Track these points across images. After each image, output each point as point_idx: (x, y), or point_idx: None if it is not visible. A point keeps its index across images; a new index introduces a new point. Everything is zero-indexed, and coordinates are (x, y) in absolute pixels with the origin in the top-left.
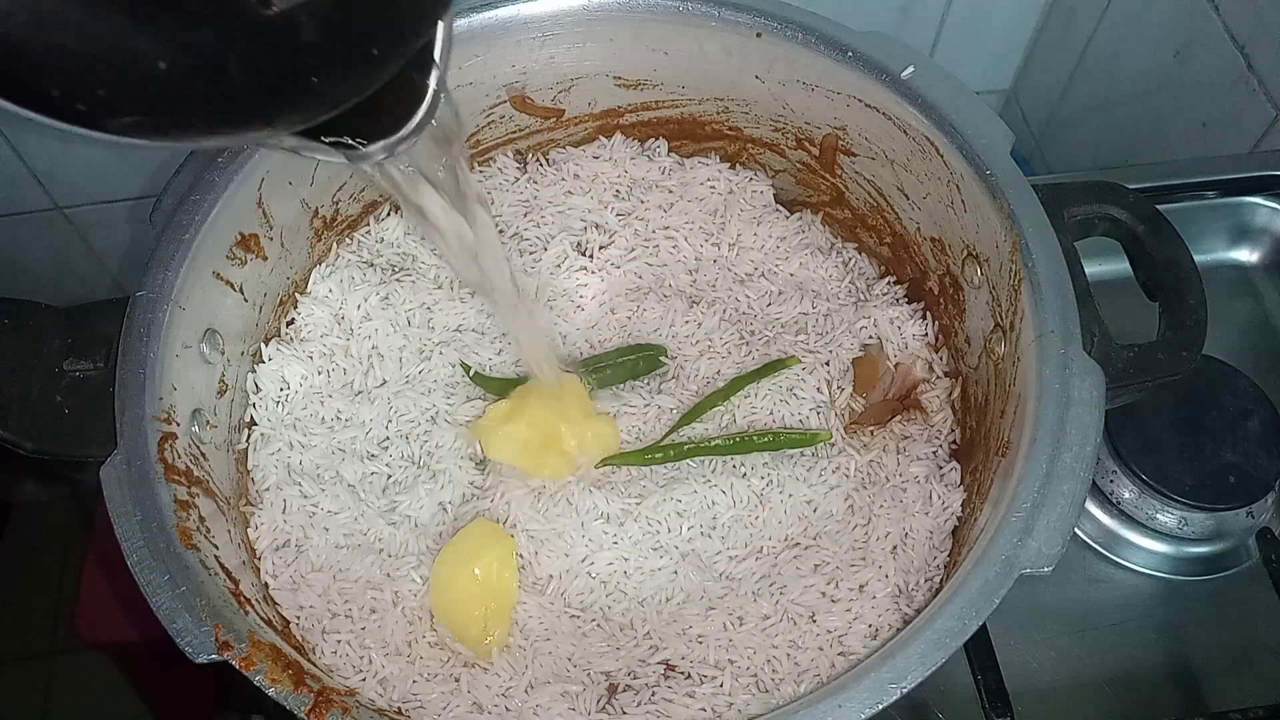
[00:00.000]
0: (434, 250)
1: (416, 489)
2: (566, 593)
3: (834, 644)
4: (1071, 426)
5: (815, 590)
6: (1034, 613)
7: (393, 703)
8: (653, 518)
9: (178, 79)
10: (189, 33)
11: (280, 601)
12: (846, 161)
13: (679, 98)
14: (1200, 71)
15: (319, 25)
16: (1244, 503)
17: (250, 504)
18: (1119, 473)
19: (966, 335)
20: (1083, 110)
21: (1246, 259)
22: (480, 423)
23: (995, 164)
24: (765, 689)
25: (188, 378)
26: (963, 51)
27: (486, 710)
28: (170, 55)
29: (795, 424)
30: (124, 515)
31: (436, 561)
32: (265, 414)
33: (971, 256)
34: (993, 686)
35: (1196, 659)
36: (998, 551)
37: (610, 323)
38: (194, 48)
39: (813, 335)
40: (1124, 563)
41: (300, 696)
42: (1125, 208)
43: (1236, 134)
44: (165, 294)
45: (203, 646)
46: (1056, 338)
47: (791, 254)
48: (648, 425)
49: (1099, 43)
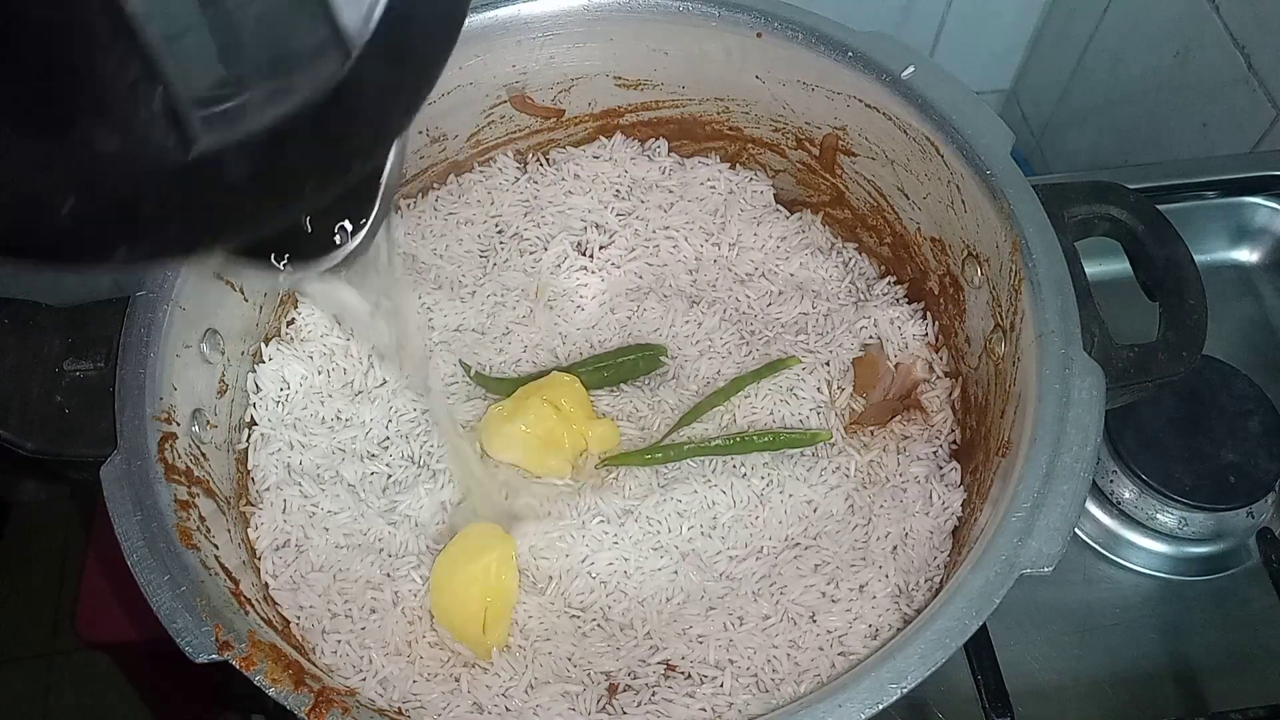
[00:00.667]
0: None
1: (416, 489)
2: (566, 593)
3: (834, 644)
4: (1071, 426)
5: (815, 590)
6: (1034, 613)
7: (393, 703)
8: (653, 518)
9: (85, 221)
10: (99, 177)
11: (280, 601)
12: (847, 161)
13: (679, 98)
14: (1200, 71)
15: (246, 163)
16: (1244, 503)
17: (250, 504)
18: (1119, 473)
19: (967, 335)
20: (1083, 110)
21: (1246, 259)
22: (480, 423)
23: (995, 164)
24: (765, 689)
25: (188, 378)
26: (963, 51)
27: (486, 710)
28: (77, 198)
29: (795, 424)
30: (124, 515)
31: (437, 562)
32: (265, 414)
33: (972, 256)
34: (993, 686)
35: (1196, 659)
36: (998, 551)
37: (610, 323)
38: (104, 193)
39: (813, 335)
40: (1124, 563)
41: (300, 696)
42: (1125, 208)
43: (1236, 134)
44: (165, 294)
45: (203, 646)
46: (1056, 338)
47: (792, 254)
48: (648, 425)
49: (1099, 43)
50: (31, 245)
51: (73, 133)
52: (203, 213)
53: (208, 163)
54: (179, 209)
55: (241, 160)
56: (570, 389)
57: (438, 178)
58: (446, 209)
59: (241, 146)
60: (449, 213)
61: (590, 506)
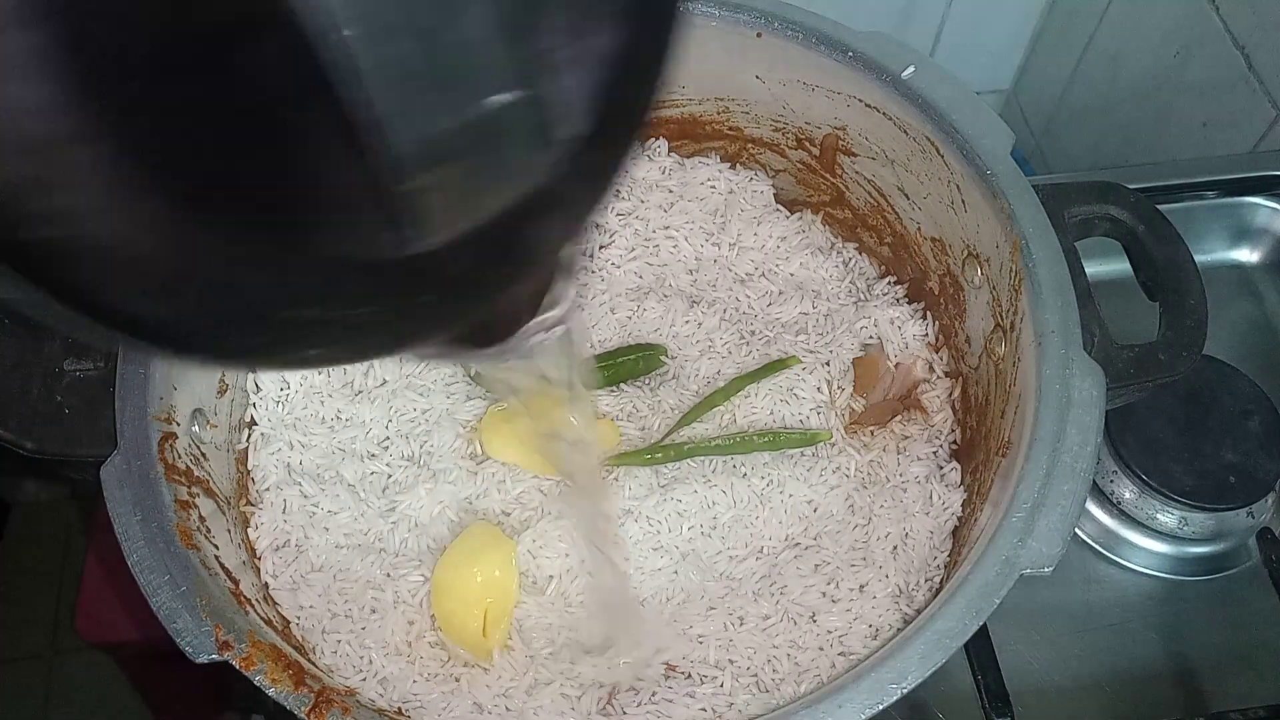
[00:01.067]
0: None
1: (417, 489)
2: (567, 593)
3: (834, 644)
4: (1072, 426)
5: (815, 590)
6: (1034, 613)
7: (393, 703)
8: (653, 517)
9: (292, 322)
10: (318, 281)
11: (280, 601)
12: (847, 161)
13: (679, 98)
14: (1200, 71)
15: (459, 258)
16: (1244, 503)
17: (250, 504)
18: (1119, 473)
19: (967, 335)
20: (1083, 110)
21: (1246, 259)
22: (481, 423)
23: (995, 164)
24: (765, 689)
25: (188, 377)
26: (963, 51)
27: (486, 710)
28: (292, 301)
29: (795, 424)
30: (124, 515)
31: (438, 566)
32: (265, 414)
33: (972, 256)
34: (993, 686)
35: (1196, 659)
36: (998, 551)
37: (610, 323)
38: (324, 296)
39: (813, 335)
40: (1124, 563)
41: (300, 696)
42: (1126, 208)
43: (1236, 134)
44: None
45: (203, 646)
46: (1057, 338)
47: (792, 254)
48: (648, 425)
49: (1099, 43)
50: (238, 347)
51: (303, 239)
52: (415, 312)
53: (419, 261)
54: (396, 310)
55: (453, 257)
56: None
57: None
58: None
59: (453, 245)
60: None
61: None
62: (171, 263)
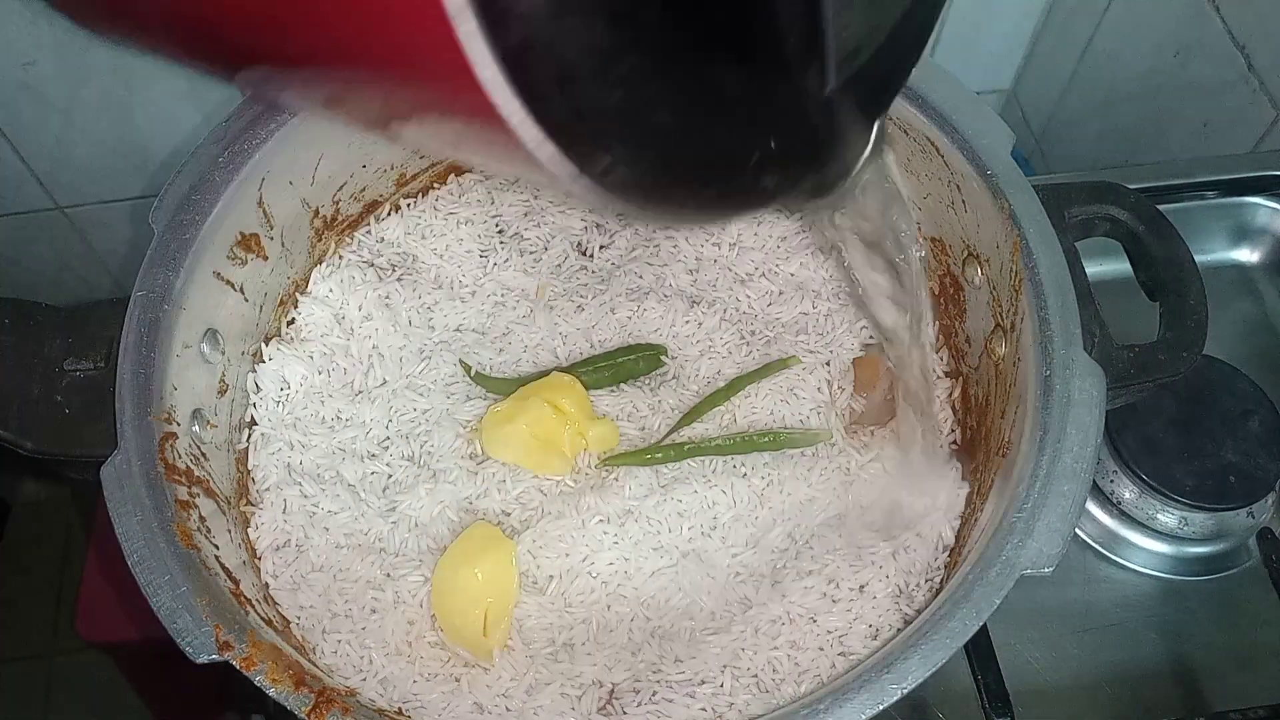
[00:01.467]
0: None
1: (417, 489)
2: (567, 593)
3: (834, 644)
4: (1072, 427)
5: (816, 590)
6: (1034, 613)
7: (393, 703)
8: (653, 518)
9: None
10: (773, 123)
11: (280, 601)
12: None
13: None
14: (1200, 71)
15: (858, 89)
16: (1244, 503)
17: (251, 504)
18: (1119, 473)
19: (967, 335)
20: (1083, 110)
21: (1247, 259)
22: (481, 423)
23: (996, 164)
24: (765, 689)
25: (188, 378)
26: (963, 51)
27: (487, 710)
28: (762, 147)
29: (796, 424)
30: (124, 515)
31: (438, 566)
32: (265, 414)
33: (972, 257)
34: (993, 686)
35: (1196, 659)
36: (998, 552)
37: (610, 323)
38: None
39: (813, 335)
40: (1124, 563)
41: (301, 696)
42: (1126, 208)
43: (1237, 134)
44: (165, 294)
45: (203, 646)
46: (1057, 338)
47: (792, 254)
48: (648, 425)
49: (1099, 43)
50: (734, 195)
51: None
52: (824, 145)
53: (836, 98)
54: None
55: (855, 85)
56: (570, 389)
57: (438, 178)
58: (446, 209)
59: (852, 80)
60: (449, 213)
61: (590, 506)
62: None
